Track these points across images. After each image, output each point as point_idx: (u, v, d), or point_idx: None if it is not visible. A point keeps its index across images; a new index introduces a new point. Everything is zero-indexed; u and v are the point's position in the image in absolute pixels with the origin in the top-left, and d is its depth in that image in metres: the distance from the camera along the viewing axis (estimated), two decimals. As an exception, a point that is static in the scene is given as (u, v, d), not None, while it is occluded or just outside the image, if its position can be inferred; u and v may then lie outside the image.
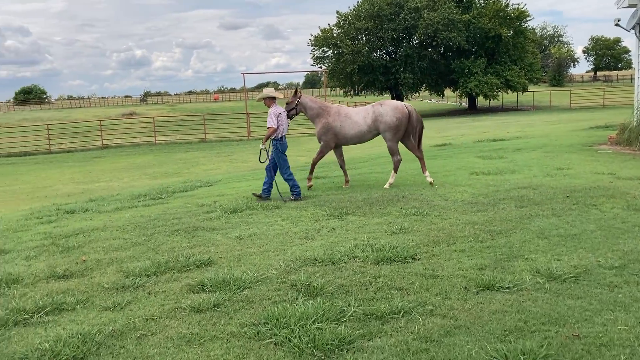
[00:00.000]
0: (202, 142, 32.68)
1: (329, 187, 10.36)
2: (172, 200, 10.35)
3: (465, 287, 4.51)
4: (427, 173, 9.74)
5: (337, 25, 51.98)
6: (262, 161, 9.52)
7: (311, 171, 10.21)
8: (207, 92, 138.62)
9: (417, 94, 61.86)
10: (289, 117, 9.71)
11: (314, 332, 3.73)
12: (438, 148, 17.51)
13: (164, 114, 48.25)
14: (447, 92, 61.41)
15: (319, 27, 53.25)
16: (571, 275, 4.63)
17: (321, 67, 53.60)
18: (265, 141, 9.11)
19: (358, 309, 4.15)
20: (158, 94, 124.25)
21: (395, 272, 4.95)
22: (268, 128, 9.07)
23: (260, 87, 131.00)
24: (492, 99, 51.13)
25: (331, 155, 10.76)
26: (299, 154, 20.26)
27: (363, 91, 55.31)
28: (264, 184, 9.24)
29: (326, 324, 3.87)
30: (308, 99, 10.02)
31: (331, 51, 52.61)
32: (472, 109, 52.62)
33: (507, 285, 4.47)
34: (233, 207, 8.40)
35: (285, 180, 9.16)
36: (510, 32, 49.19)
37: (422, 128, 10.02)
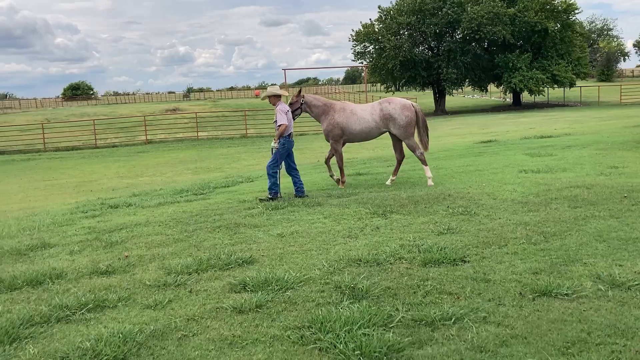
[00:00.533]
0: (244, 138, 32.88)
1: (372, 184, 10.15)
2: (214, 195, 10.34)
3: (520, 293, 4.24)
4: (394, 178, 10.05)
5: (379, 20, 51.48)
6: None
7: (342, 173, 10.05)
8: (249, 88, 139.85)
9: (460, 90, 60.76)
10: (293, 116, 9.53)
11: (361, 338, 3.55)
12: (483, 145, 17.03)
13: (206, 110, 48.82)
14: (491, 87, 60.13)
15: (361, 22, 52.93)
16: (636, 282, 4.31)
17: (362, 63, 53.28)
18: (278, 139, 8.90)
19: (406, 314, 3.95)
20: (200, 90, 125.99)
21: (444, 275, 4.72)
22: (279, 126, 8.86)
23: (300, 82, 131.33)
24: (537, 95, 49.78)
25: (373, 151, 10.53)
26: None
27: (404, 87, 54.66)
28: (294, 185, 9.14)
29: (373, 330, 3.68)
30: (312, 97, 9.93)
31: (372, 46, 52.19)
32: (517, 105, 51.36)
33: (566, 292, 4.18)
34: (274, 203, 8.30)
35: (269, 175, 9.01)
36: (557, 26, 47.77)
37: (427, 128, 9.96)
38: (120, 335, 3.74)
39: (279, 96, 9.12)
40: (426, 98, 60.26)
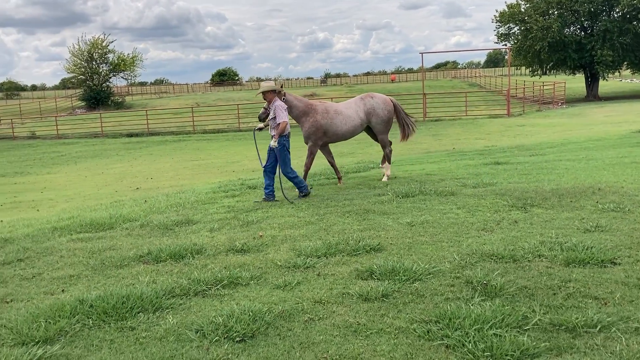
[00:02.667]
0: (378, 123, 32.79)
1: (511, 174, 9.58)
2: (345, 180, 10.40)
3: (682, 305, 3.73)
4: (385, 166, 10.15)
5: (526, -1, 48.37)
6: (263, 165, 8.95)
7: (305, 177, 9.60)
8: (385, 73, 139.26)
9: (618, 73, 55.36)
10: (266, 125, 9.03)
11: (492, 339, 3.33)
12: (641, 134, 15.37)
13: (342, 95, 49.40)
14: (654, 70, 54.01)
15: (505, 3, 50.00)
16: None
17: (505, 45, 50.50)
18: (278, 137, 8.49)
19: (544, 317, 3.64)
20: (337, 76, 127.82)
21: (589, 277, 4.30)
22: (278, 124, 8.47)
23: (438, 67, 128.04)
24: None
25: (515, 139, 9.93)
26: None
27: (552, 70, 50.99)
28: (265, 188, 8.71)
29: (506, 331, 3.44)
30: (293, 97, 9.32)
31: (517, 27, 49.24)
32: (685, 90, 45.64)
33: None
34: (405, 191, 8.14)
35: (290, 179, 8.70)
36: None
37: (409, 118, 10.26)
38: (251, 313, 3.87)
39: (274, 92, 8.71)
40: (576, 82, 55.81)
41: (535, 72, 51.30)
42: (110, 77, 61.61)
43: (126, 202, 10.58)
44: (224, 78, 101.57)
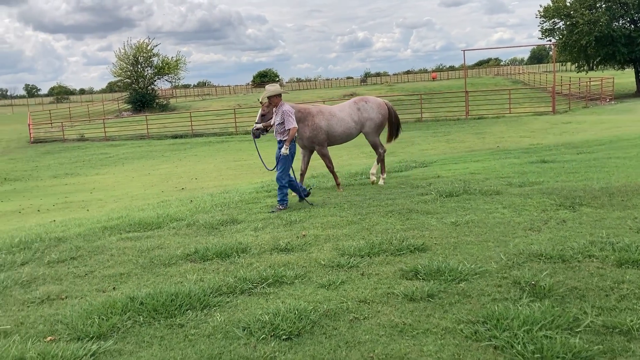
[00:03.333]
0: (418, 122, 32.53)
1: (558, 172, 9.36)
2: (387, 180, 10.36)
3: None
4: (374, 171, 10.05)
5: (571, -7, 47.05)
6: (270, 169, 8.89)
7: (336, 177, 9.78)
8: (425, 71, 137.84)
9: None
10: (267, 130, 8.77)
11: (541, 340, 3.27)
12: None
13: (382, 94, 49.15)
14: None
15: (550, -3, 48.78)
16: None
17: (550, 41, 49.27)
18: (289, 144, 8.19)
19: (596, 319, 3.54)
20: (377, 75, 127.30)
21: (643, 279, 4.16)
22: (288, 130, 8.18)
23: (480, 64, 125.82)
24: None
25: (560, 136, 9.69)
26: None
27: (600, 65, 49.44)
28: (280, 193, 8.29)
29: (556, 333, 3.37)
30: (289, 105, 8.80)
31: (563, 22, 47.94)
32: None
33: None
34: (449, 190, 8.05)
35: (279, 186, 8.29)
36: None
37: (399, 123, 10.20)
38: (296, 312, 3.90)
39: (280, 95, 8.34)
40: (625, 77, 53.98)
41: (582, 68, 49.87)
42: (155, 80, 63.05)
43: (172, 202, 10.82)
44: (265, 79, 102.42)
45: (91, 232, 7.42)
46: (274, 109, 8.36)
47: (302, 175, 9.75)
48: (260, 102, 8.58)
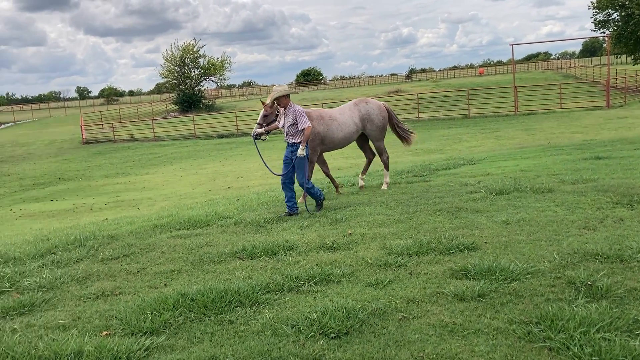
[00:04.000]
0: (466, 118, 31.99)
1: (613, 169, 9.02)
2: (435, 178, 10.23)
3: None
4: (363, 176, 9.88)
5: (626, -18, 45.28)
6: (278, 174, 8.18)
7: (333, 181, 9.53)
8: (472, 66, 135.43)
9: None
10: (269, 132, 8.28)
11: (599, 342, 3.16)
12: None
13: (428, 90, 48.56)
14: None
15: (603, -12, 47.06)
16: None
17: (604, 33, 47.59)
18: (305, 144, 7.74)
19: (658, 321, 3.40)
20: (422, 71, 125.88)
21: None
22: (301, 130, 7.75)
23: (529, 58, 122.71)
24: None
25: (616, 132, 9.33)
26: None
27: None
28: (287, 201, 7.93)
29: (615, 335, 3.24)
30: None
31: (617, 13, 46.22)
32: None
33: None
34: (499, 188, 7.88)
35: (307, 189, 7.93)
36: None
37: (402, 126, 9.90)
38: (344, 310, 3.89)
39: (289, 96, 7.92)
40: (685, 69, 51.66)
41: (638, 60, 47.96)
42: (201, 81, 64.14)
43: (220, 200, 10.98)
44: (308, 78, 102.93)
45: (142, 230, 7.61)
46: (282, 111, 7.99)
47: (329, 175, 9.57)
48: (263, 104, 8.19)
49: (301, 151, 7.66)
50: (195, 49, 61.94)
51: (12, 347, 3.77)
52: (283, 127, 7.91)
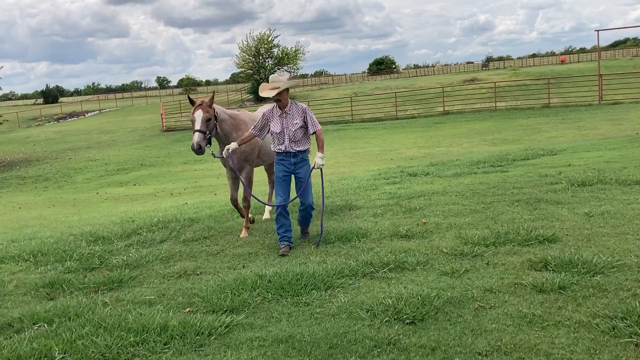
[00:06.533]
0: (546, 108, 30.73)
1: None
2: (512, 168, 9.94)
3: None
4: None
5: None
6: (291, 200, 6.09)
7: (247, 214, 6.80)
8: (553, 54, 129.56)
9: None
10: (210, 142, 6.27)
11: (692, 341, 3.01)
12: None
13: (506, 79, 46.92)
14: None
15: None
16: None
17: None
18: (323, 151, 5.86)
19: None
20: (500, 59, 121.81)
21: None
22: (314, 133, 5.95)
23: (615, 45, 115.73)
24: None
25: None
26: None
27: None
28: (284, 231, 5.84)
29: None
30: (219, 109, 6.51)
31: None
32: None
33: None
34: (581, 179, 7.56)
35: (312, 208, 6.10)
36: None
37: None
38: (419, 297, 3.90)
39: (288, 90, 5.99)
40: None
41: None
42: (275, 71, 65.07)
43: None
44: (381, 67, 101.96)
45: (220, 214, 7.88)
46: (274, 110, 5.96)
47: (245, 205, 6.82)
48: (193, 102, 6.30)
49: (321, 160, 5.76)
50: (269, 39, 62.86)
51: (104, 318, 4.05)
52: (279, 132, 5.87)
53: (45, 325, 4.06)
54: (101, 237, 6.91)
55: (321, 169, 5.87)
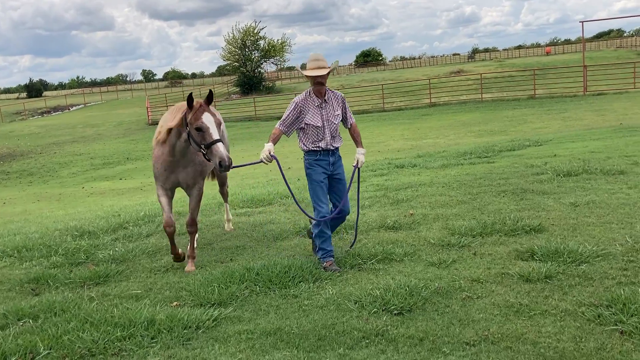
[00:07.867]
0: (531, 99, 30.92)
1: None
2: (499, 159, 9.99)
3: None
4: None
5: None
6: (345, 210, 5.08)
7: (194, 240, 5.41)
8: (538, 46, 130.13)
9: None
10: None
11: (675, 328, 3.04)
12: None
13: (492, 70, 47.12)
14: None
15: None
16: None
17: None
18: (362, 146, 5.23)
19: None
20: (486, 50, 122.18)
21: None
22: (351, 125, 5.22)
23: (599, 36, 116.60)
24: None
25: None
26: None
27: None
28: (325, 247, 4.79)
29: (692, 321, 3.12)
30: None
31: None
32: None
33: None
34: (567, 169, 7.62)
35: (348, 213, 5.15)
36: None
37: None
38: (407, 288, 3.91)
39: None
40: None
41: None
42: (262, 63, 64.73)
43: (281, 180, 11.12)
44: (368, 59, 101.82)
45: (208, 208, 7.85)
46: (316, 99, 4.99)
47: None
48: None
49: (364, 157, 5.22)
50: (255, 31, 62.49)
51: (91, 313, 4.01)
52: (319, 126, 4.92)
53: (31, 321, 4.02)
54: (87, 231, 6.85)
55: (359, 168, 5.18)
